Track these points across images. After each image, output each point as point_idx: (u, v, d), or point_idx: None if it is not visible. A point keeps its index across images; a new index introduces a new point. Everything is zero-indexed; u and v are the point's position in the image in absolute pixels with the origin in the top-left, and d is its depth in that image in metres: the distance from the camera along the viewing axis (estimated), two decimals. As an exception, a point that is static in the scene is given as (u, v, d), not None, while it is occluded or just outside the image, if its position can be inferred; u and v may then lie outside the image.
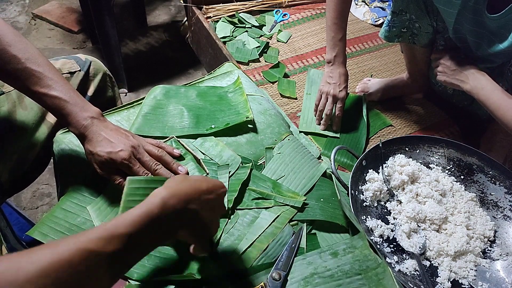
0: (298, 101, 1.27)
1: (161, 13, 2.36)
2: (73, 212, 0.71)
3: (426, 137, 1.00)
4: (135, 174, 0.67)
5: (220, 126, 0.88)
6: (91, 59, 0.95)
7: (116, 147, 0.66)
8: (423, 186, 0.91)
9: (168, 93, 0.93)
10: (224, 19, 1.53)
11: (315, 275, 0.67)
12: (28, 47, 0.66)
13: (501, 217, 0.90)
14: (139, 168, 0.67)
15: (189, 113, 0.89)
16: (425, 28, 1.09)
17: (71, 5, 2.30)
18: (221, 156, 0.83)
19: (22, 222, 1.24)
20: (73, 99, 0.66)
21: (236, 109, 0.92)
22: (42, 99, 0.66)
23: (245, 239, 0.72)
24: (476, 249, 0.84)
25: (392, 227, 0.85)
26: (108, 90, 1.00)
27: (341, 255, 0.70)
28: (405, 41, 1.17)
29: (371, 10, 1.71)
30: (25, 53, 0.65)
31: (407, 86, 1.32)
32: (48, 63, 0.67)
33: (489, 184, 0.93)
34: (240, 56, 1.39)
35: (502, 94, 0.92)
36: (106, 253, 0.43)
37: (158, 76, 1.95)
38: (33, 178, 0.90)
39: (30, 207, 1.44)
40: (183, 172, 0.73)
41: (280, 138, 0.91)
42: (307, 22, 1.61)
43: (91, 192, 0.74)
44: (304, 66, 1.41)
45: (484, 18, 0.89)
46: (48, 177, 1.49)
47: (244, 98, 0.94)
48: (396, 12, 1.11)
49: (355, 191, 0.86)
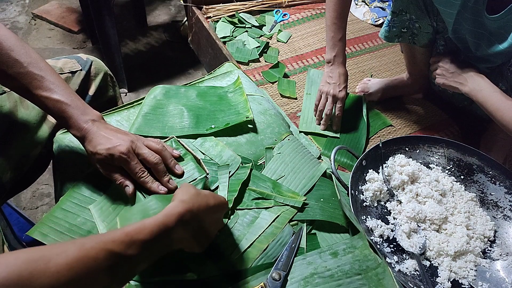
0: (298, 101, 1.27)
1: (161, 13, 2.36)
2: (73, 212, 0.71)
3: (426, 137, 1.00)
4: (132, 170, 0.67)
5: (220, 126, 0.88)
6: (92, 59, 0.95)
7: (115, 142, 0.67)
8: (423, 186, 0.91)
9: (168, 93, 0.93)
10: (224, 19, 1.53)
11: (315, 275, 0.67)
12: (30, 52, 0.67)
13: (501, 217, 0.90)
14: (136, 164, 0.68)
15: (189, 113, 0.89)
16: (425, 28, 1.09)
17: (71, 5, 2.30)
18: (221, 156, 0.83)
19: (22, 222, 1.24)
20: (74, 103, 0.67)
21: (236, 109, 0.92)
22: (44, 103, 0.67)
23: (245, 239, 0.72)
24: (476, 249, 0.84)
25: (392, 227, 0.85)
26: (109, 90, 1.00)
27: (341, 255, 0.70)
28: (405, 41, 1.17)
29: (371, 10, 1.71)
30: (27, 57, 0.66)
31: (407, 86, 1.32)
32: (49, 67, 0.68)
33: (489, 184, 0.93)
34: (240, 56, 1.39)
35: (501, 96, 0.93)
36: (125, 256, 0.48)
37: (158, 76, 1.95)
38: (35, 178, 0.90)
39: (30, 207, 1.44)
40: (179, 172, 0.74)
41: (280, 138, 0.91)
42: (307, 22, 1.61)
43: (91, 192, 0.74)
44: (304, 66, 1.41)
45: (483, 19, 0.89)
46: (48, 177, 1.49)
47: (244, 98, 0.94)
48: (396, 12, 1.11)
49: (355, 191, 0.86)
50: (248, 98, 0.95)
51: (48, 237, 0.67)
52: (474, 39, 0.96)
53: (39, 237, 0.67)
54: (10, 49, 0.65)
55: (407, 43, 1.18)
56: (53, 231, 0.68)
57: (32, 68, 0.65)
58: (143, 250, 0.50)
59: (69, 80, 0.88)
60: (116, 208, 0.72)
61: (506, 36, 0.88)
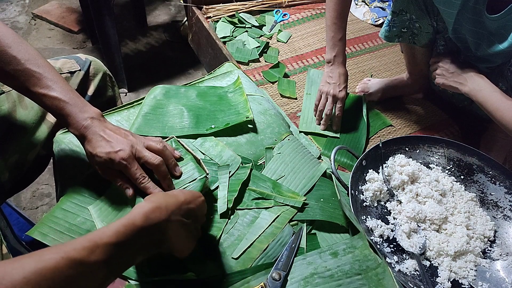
0: (298, 101, 1.27)
1: (161, 13, 2.36)
2: (73, 212, 0.71)
3: (426, 137, 1.00)
4: (132, 175, 0.66)
5: (220, 126, 0.88)
6: (91, 59, 0.95)
7: (115, 147, 0.65)
8: (423, 186, 0.91)
9: (168, 93, 0.93)
10: (224, 19, 1.53)
11: (315, 275, 0.67)
12: (28, 49, 0.66)
13: (501, 217, 0.90)
14: (136, 170, 0.66)
15: (189, 113, 0.89)
16: (425, 28, 1.09)
17: (71, 5, 2.30)
18: (221, 156, 0.82)
19: (22, 222, 1.24)
20: (73, 100, 0.66)
21: (236, 109, 0.92)
22: (42, 100, 0.65)
23: (245, 239, 0.72)
24: (476, 249, 0.84)
25: (392, 227, 0.85)
26: (108, 90, 1.00)
27: (341, 255, 0.70)
28: (405, 41, 1.17)
29: (371, 10, 1.71)
30: (25, 54, 0.65)
31: (407, 86, 1.32)
32: (48, 64, 0.67)
33: (489, 184, 0.93)
34: (240, 56, 1.39)
35: (501, 96, 0.93)
36: (89, 262, 0.44)
37: (158, 76, 1.95)
38: (33, 178, 0.90)
39: (30, 207, 1.44)
40: (177, 173, 0.72)
41: (280, 138, 0.91)
42: (307, 22, 1.61)
43: (91, 192, 0.74)
44: (304, 66, 1.41)
45: (483, 19, 0.89)
46: (48, 177, 1.49)
47: (244, 98, 0.94)
48: (396, 12, 1.11)
49: (355, 191, 0.86)
50: (248, 98, 0.95)
51: (48, 237, 0.67)
52: (475, 39, 0.96)
53: (39, 237, 0.67)
54: (8, 46, 0.64)
55: (407, 43, 1.18)
56: (53, 231, 0.68)
57: (30, 65, 0.64)
58: (111, 253, 0.47)
59: (68, 80, 0.88)
60: (116, 209, 0.71)
61: (506, 36, 0.88)
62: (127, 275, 0.65)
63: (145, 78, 1.93)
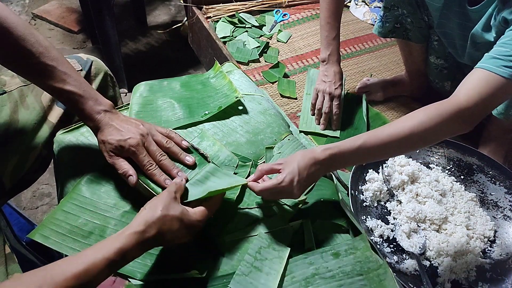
0: (298, 101, 1.27)
1: (161, 13, 2.36)
2: (74, 213, 0.71)
3: (426, 137, 1.00)
4: (140, 162, 0.69)
5: (213, 111, 0.89)
6: (93, 59, 0.95)
7: (126, 135, 0.68)
8: (423, 186, 0.91)
9: (153, 88, 0.94)
10: (224, 19, 1.53)
11: (316, 276, 0.67)
12: (40, 40, 0.66)
13: (501, 217, 0.91)
14: (144, 157, 0.69)
15: (180, 104, 0.90)
16: (418, 22, 1.10)
17: (71, 5, 2.29)
18: (218, 156, 0.82)
19: (22, 222, 1.23)
20: (87, 93, 0.69)
21: (223, 91, 0.94)
22: (57, 93, 0.68)
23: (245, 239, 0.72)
24: (476, 249, 0.84)
25: (392, 227, 0.85)
26: (109, 90, 1.00)
27: (342, 256, 0.70)
28: (399, 36, 1.17)
29: (371, 10, 1.71)
30: (38, 47, 0.65)
31: (407, 85, 1.33)
32: (60, 56, 0.68)
33: (489, 184, 0.93)
34: (240, 56, 1.39)
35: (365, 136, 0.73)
36: None
37: (158, 76, 1.92)
38: (35, 178, 0.90)
39: (30, 207, 1.44)
40: (190, 162, 0.74)
41: (280, 138, 0.91)
42: (307, 22, 1.61)
43: (92, 193, 0.74)
44: (304, 66, 1.41)
45: (466, 10, 0.90)
46: (48, 177, 1.49)
47: (227, 80, 0.96)
48: (388, 8, 1.12)
49: (355, 191, 0.86)
50: (247, 98, 0.95)
51: (50, 239, 0.67)
52: (461, 31, 0.97)
53: (40, 239, 0.67)
54: (21, 38, 0.64)
55: (401, 39, 1.19)
56: (54, 233, 0.68)
57: (44, 59, 0.65)
58: None
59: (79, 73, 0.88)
60: None
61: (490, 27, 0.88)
62: (130, 274, 0.65)
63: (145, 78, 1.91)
